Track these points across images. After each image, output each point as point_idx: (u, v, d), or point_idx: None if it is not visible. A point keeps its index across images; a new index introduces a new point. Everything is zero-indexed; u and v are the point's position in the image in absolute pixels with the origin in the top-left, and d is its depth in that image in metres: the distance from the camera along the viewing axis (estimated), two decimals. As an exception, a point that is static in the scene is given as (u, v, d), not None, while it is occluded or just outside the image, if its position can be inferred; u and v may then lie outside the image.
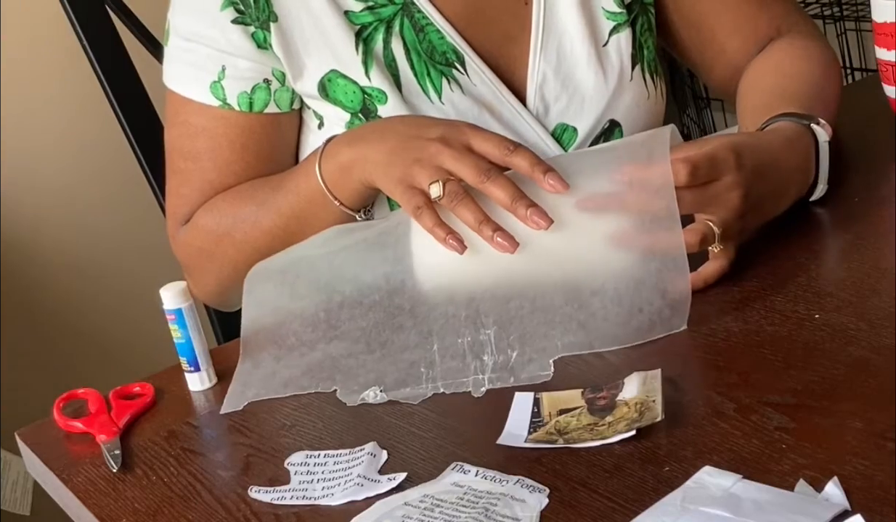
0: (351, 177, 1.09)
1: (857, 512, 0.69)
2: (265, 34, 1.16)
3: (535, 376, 0.92)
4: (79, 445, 0.97)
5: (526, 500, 0.77)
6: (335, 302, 1.03)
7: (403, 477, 0.82)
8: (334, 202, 1.11)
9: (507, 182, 0.99)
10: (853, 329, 0.90)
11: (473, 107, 1.18)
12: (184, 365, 1.01)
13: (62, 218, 2.19)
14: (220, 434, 0.96)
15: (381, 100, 1.17)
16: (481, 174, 0.99)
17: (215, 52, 1.17)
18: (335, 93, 1.17)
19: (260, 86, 1.18)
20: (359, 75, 1.16)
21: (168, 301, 0.99)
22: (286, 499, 0.84)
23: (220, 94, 1.18)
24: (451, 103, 1.17)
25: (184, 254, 1.24)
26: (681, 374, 0.88)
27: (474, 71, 1.18)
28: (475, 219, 0.98)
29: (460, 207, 0.99)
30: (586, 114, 1.21)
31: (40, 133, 2.17)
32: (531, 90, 1.20)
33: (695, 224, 0.99)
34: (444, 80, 1.18)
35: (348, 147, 1.10)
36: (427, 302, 1.01)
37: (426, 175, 1.02)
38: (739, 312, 0.96)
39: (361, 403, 0.94)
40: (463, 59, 1.18)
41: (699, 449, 0.79)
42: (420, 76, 1.17)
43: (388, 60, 1.17)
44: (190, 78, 1.19)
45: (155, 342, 1.46)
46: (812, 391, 0.83)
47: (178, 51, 1.20)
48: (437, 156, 1.02)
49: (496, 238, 0.97)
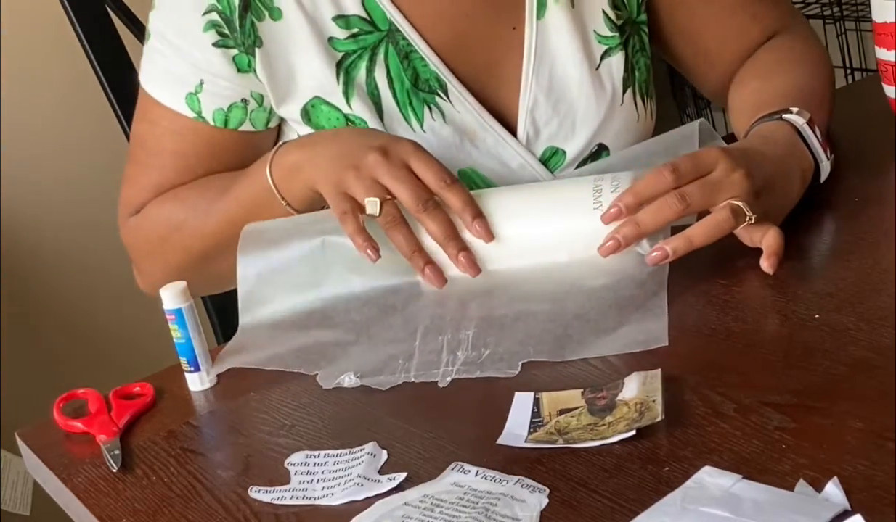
0: (297, 179, 1.10)
1: (857, 512, 0.69)
2: (250, 59, 1.16)
3: (502, 372, 0.93)
4: (79, 445, 0.97)
5: (526, 500, 0.77)
6: (335, 294, 1.05)
7: (403, 477, 0.82)
8: (282, 202, 1.11)
9: (444, 217, 1.03)
10: (853, 329, 0.90)
11: (455, 135, 1.18)
12: (184, 365, 1.01)
13: (62, 218, 2.19)
14: (220, 434, 0.96)
15: (363, 126, 1.17)
16: (419, 203, 1.02)
17: (194, 68, 1.17)
18: (318, 119, 1.18)
19: (237, 104, 1.18)
20: (341, 103, 1.17)
21: (168, 301, 0.99)
22: (286, 499, 0.84)
23: (195, 107, 1.18)
24: (432, 131, 1.18)
25: (131, 241, 1.25)
26: (681, 374, 0.88)
27: (457, 98, 1.18)
28: (410, 246, 1.03)
29: (394, 232, 1.03)
30: (577, 138, 1.22)
31: (40, 133, 2.16)
32: (522, 114, 1.20)
33: (716, 208, 1.00)
34: (426, 109, 1.18)
35: (298, 149, 1.11)
36: (418, 303, 1.03)
37: (361, 186, 1.04)
38: (739, 312, 0.96)
39: (336, 387, 0.96)
40: (446, 86, 1.18)
41: (699, 449, 0.79)
42: (402, 105, 1.18)
43: (371, 89, 1.17)
44: (167, 84, 1.20)
45: (155, 342, 1.46)
46: (812, 391, 0.83)
47: (157, 54, 1.20)
48: (375, 169, 1.04)
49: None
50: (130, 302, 2.13)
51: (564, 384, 0.90)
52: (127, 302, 2.17)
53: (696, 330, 0.94)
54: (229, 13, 1.15)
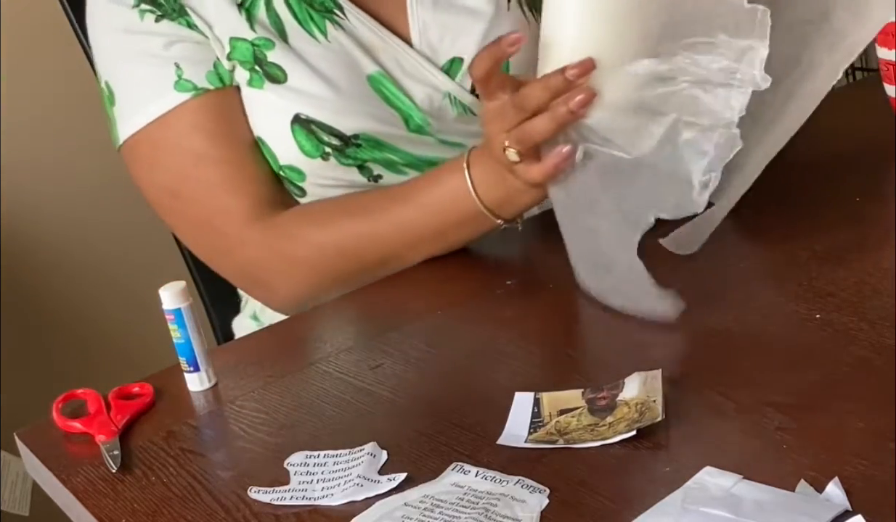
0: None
1: (857, 513, 0.69)
2: (187, 19, 1.18)
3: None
4: (78, 445, 0.97)
5: (526, 501, 0.77)
6: None
7: (403, 478, 0.82)
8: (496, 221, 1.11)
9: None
10: (854, 329, 0.90)
11: (358, 47, 1.20)
12: (183, 365, 1.01)
13: (62, 217, 2.19)
14: (219, 434, 0.96)
15: (269, 46, 1.19)
16: (518, 116, 1.00)
17: (162, 58, 1.18)
18: (236, 54, 1.19)
19: (217, 63, 1.19)
20: (246, 33, 1.18)
21: (167, 301, 0.99)
22: (286, 500, 0.84)
23: (188, 86, 1.18)
24: (336, 41, 1.20)
25: (267, 257, 1.19)
26: (681, 374, 0.88)
27: (354, 16, 1.21)
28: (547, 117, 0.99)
29: (529, 134, 1.01)
30: (470, 46, 1.22)
31: (40, 133, 2.16)
32: (415, 38, 1.22)
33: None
34: (328, 23, 1.20)
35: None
36: None
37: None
38: (740, 312, 0.96)
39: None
40: (342, 6, 1.20)
41: (700, 450, 0.79)
42: (304, 22, 1.20)
43: (273, 19, 1.19)
44: (149, 97, 1.18)
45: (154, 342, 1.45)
46: (813, 391, 0.83)
47: (122, 88, 1.20)
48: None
49: (571, 106, 0.98)
50: (130, 302, 2.13)
51: (565, 384, 0.90)
52: (127, 302, 2.18)
53: (696, 330, 0.94)
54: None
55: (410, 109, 1.20)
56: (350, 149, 1.19)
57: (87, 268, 2.22)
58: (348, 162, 1.19)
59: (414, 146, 1.21)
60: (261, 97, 1.19)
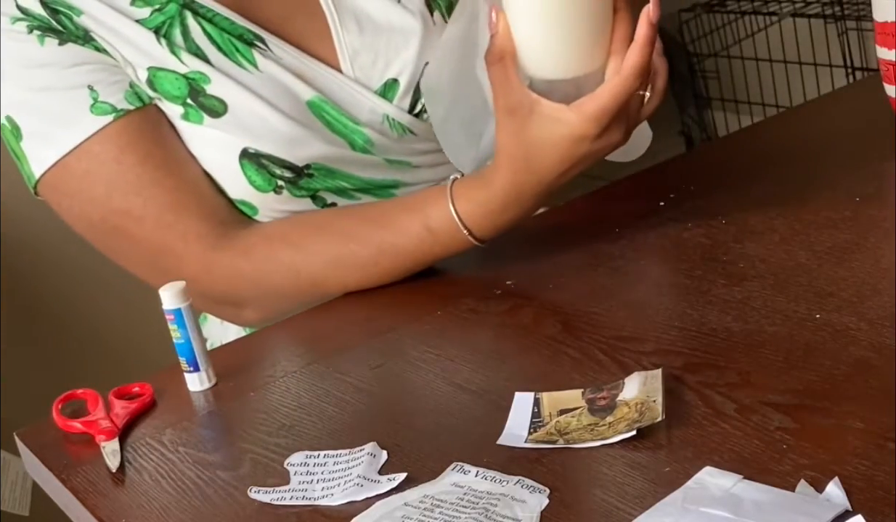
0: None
1: (858, 513, 0.69)
2: (94, 44, 1.13)
3: None
4: (78, 445, 0.97)
5: (526, 501, 0.77)
6: None
7: (403, 478, 0.82)
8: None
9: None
10: (854, 329, 0.90)
11: (290, 75, 1.16)
12: (183, 365, 1.01)
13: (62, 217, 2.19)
14: (219, 434, 0.96)
15: (205, 80, 1.14)
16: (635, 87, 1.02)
17: (72, 83, 1.11)
18: (162, 86, 1.14)
19: (133, 83, 1.14)
20: (175, 65, 1.14)
21: (167, 301, 0.99)
22: (286, 499, 0.84)
23: (107, 109, 1.12)
24: (267, 71, 1.16)
25: (236, 284, 1.15)
26: (681, 374, 0.88)
27: (277, 47, 1.17)
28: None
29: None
30: (408, 64, 1.21)
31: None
32: (345, 65, 1.20)
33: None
34: (255, 52, 1.16)
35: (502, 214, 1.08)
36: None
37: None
38: (739, 312, 0.96)
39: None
40: (262, 38, 1.17)
41: (700, 450, 0.79)
42: (230, 54, 1.15)
43: (194, 50, 1.14)
44: (62, 125, 1.11)
45: (154, 342, 1.45)
46: (813, 391, 0.83)
47: (34, 129, 1.13)
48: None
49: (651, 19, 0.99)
50: (130, 302, 2.13)
51: (565, 384, 0.90)
52: (126, 303, 2.17)
53: (696, 329, 0.94)
54: (46, 21, 1.11)
55: (353, 132, 1.18)
56: (303, 180, 1.16)
57: (87, 268, 2.21)
58: (301, 193, 1.16)
59: (363, 169, 1.19)
60: (203, 133, 1.14)
